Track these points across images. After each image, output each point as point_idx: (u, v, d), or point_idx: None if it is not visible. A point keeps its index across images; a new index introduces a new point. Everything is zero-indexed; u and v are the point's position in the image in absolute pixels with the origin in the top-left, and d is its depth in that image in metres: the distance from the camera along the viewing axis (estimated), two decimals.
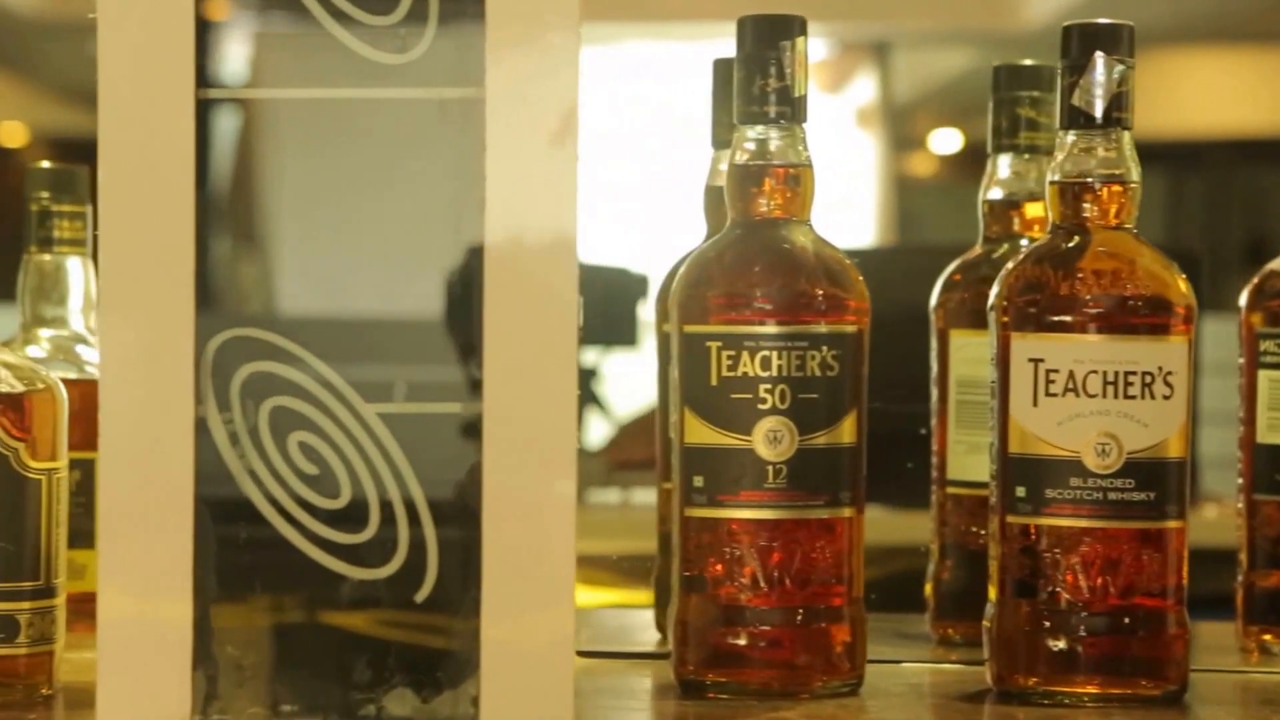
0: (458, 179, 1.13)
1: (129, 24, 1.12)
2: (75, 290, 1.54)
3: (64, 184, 1.54)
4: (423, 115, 1.13)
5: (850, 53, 7.08)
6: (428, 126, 1.13)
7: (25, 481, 1.18)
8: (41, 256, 1.54)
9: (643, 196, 6.05)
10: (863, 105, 6.86)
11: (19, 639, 1.18)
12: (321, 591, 1.13)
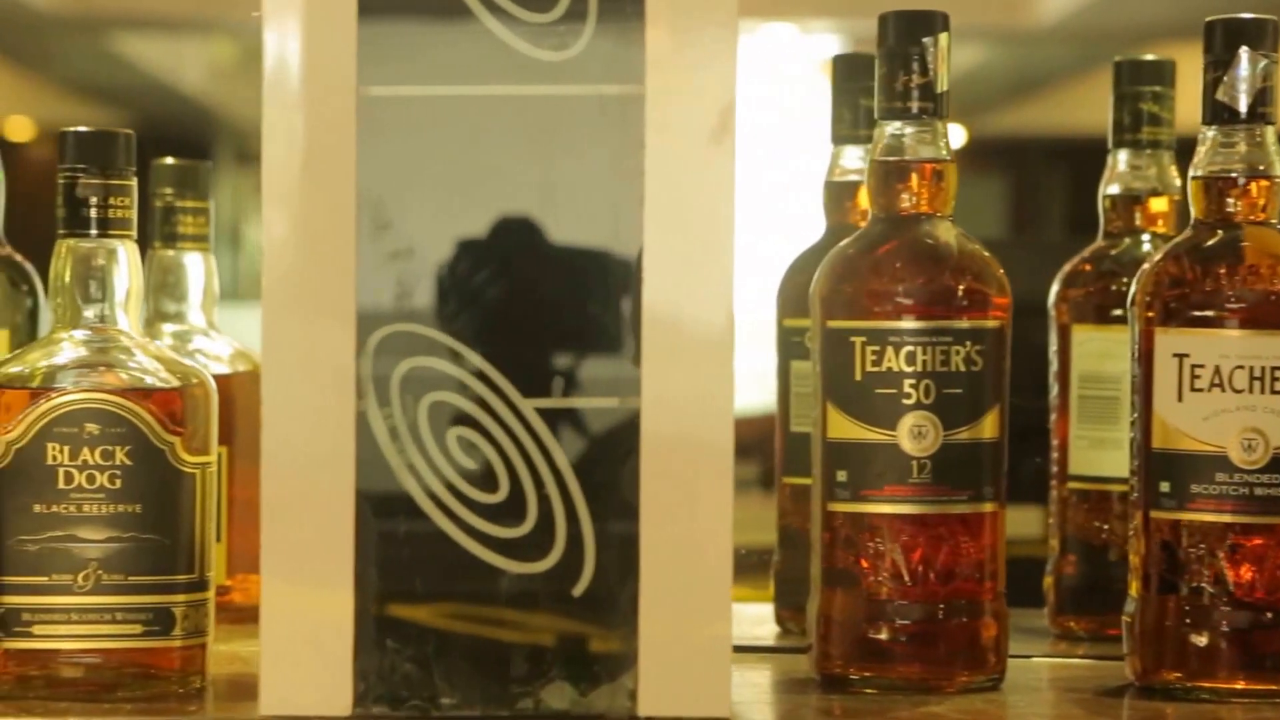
0: (616, 175, 1.13)
1: (292, 22, 1.12)
2: (196, 285, 1.54)
3: (188, 180, 1.54)
4: (582, 112, 1.13)
5: (863, 49, 7.07)
6: (587, 123, 1.13)
7: (181, 475, 1.19)
8: (165, 252, 1.54)
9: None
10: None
11: (174, 632, 1.18)
12: (480, 585, 1.13)
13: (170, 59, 5.48)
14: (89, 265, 1.21)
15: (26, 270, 1.55)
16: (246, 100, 5.24)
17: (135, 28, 5.23)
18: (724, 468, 1.12)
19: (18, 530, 1.17)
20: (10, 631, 1.17)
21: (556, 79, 1.13)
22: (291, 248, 1.12)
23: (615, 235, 1.13)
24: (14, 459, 1.17)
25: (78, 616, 1.17)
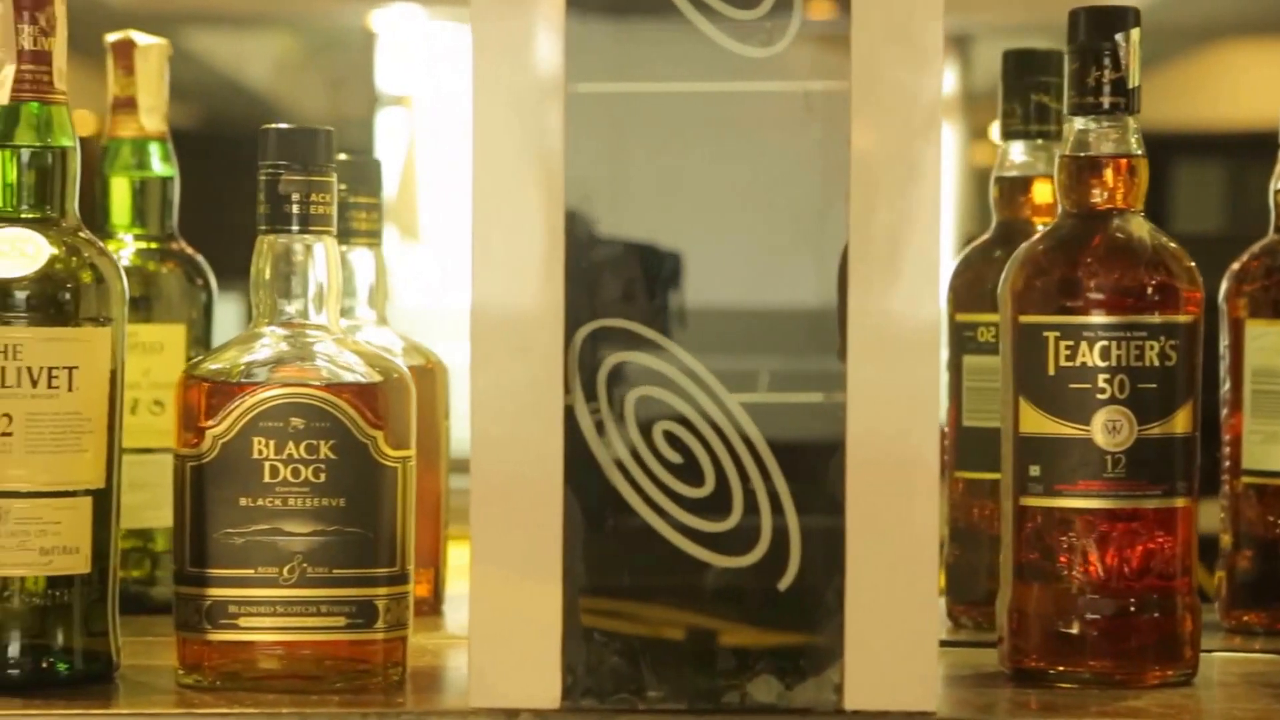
0: (821, 171, 1.12)
1: (501, 20, 1.12)
2: (365, 281, 1.54)
3: (361, 176, 1.54)
4: (787, 108, 1.13)
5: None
6: (792, 119, 1.13)
7: (383, 469, 1.19)
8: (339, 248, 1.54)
9: None
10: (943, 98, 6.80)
11: (377, 624, 1.18)
12: (685, 579, 1.12)
13: (234, 54, 5.49)
14: (290, 261, 1.21)
15: (201, 265, 1.56)
16: (308, 94, 5.25)
17: (202, 23, 5.26)
18: (930, 462, 1.12)
19: (224, 523, 1.18)
20: (217, 624, 1.17)
21: (762, 75, 1.12)
22: (501, 243, 1.12)
23: (821, 230, 1.12)
24: (220, 453, 1.18)
25: (283, 609, 1.18)
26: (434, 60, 5.64)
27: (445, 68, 5.60)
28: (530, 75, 1.12)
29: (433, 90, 5.65)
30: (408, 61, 5.57)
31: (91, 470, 1.18)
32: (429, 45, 5.53)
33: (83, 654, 1.19)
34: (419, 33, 5.49)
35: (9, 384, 1.16)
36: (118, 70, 1.53)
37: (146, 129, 1.53)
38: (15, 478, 1.17)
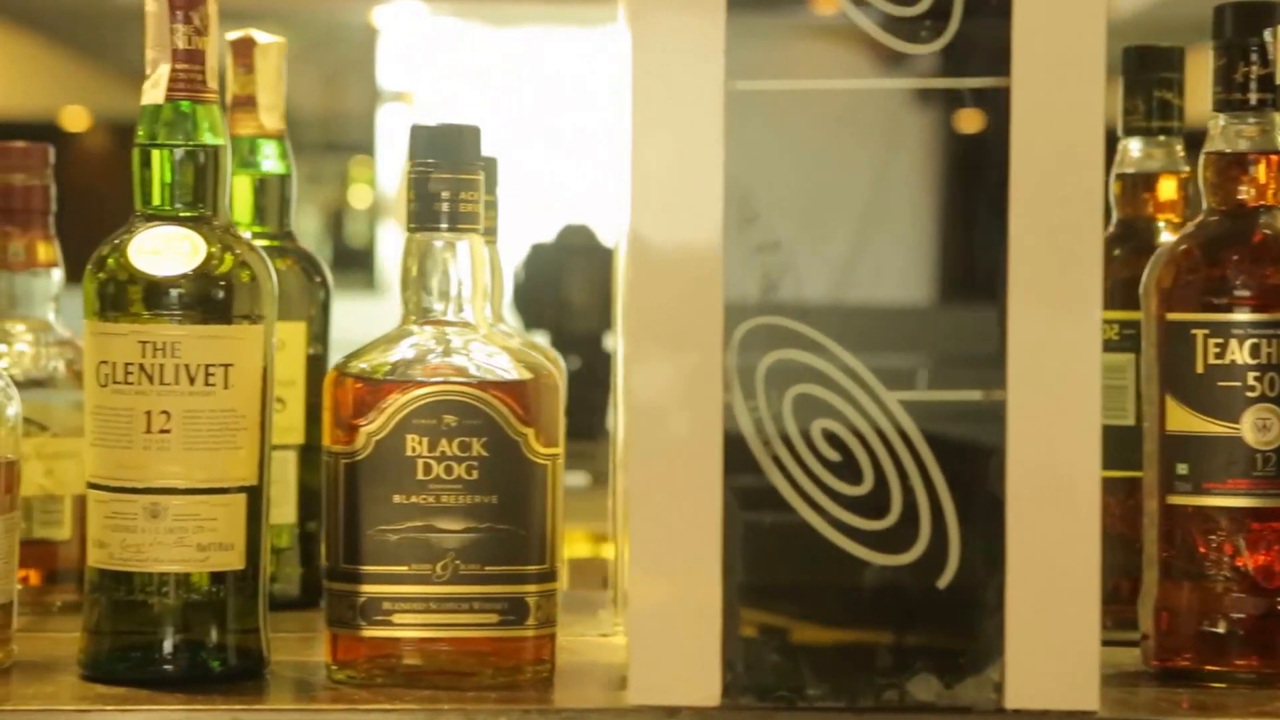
0: (981, 168, 1.11)
1: (662, 18, 1.11)
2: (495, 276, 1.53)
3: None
4: (947, 105, 1.12)
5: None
6: (952, 116, 1.12)
7: (534, 467, 1.18)
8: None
9: None
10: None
11: (528, 621, 1.17)
12: (844, 577, 1.11)
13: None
14: (439, 259, 1.20)
15: (318, 262, 1.55)
16: (303, 90, 5.23)
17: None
18: (1091, 460, 1.10)
19: (378, 520, 1.17)
20: (371, 620, 1.17)
21: (921, 72, 1.11)
22: (660, 240, 1.11)
23: (980, 227, 1.11)
24: (374, 450, 1.17)
25: (436, 606, 1.17)
26: (435, 56, 5.62)
27: (447, 64, 5.58)
28: (690, 72, 1.11)
29: (434, 86, 5.63)
30: (409, 57, 5.55)
31: (245, 467, 1.18)
32: (431, 41, 5.52)
33: (236, 650, 1.18)
34: (421, 29, 5.47)
35: (167, 381, 1.16)
36: (237, 68, 1.52)
37: (266, 127, 1.52)
38: (172, 474, 1.16)
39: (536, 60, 5.43)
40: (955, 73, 1.11)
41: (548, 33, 5.46)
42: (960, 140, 1.11)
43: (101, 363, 1.17)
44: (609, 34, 3.61)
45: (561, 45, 5.43)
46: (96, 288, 1.18)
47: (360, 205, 6.00)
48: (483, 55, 5.34)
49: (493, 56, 5.33)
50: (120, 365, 1.16)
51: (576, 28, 5.47)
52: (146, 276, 1.17)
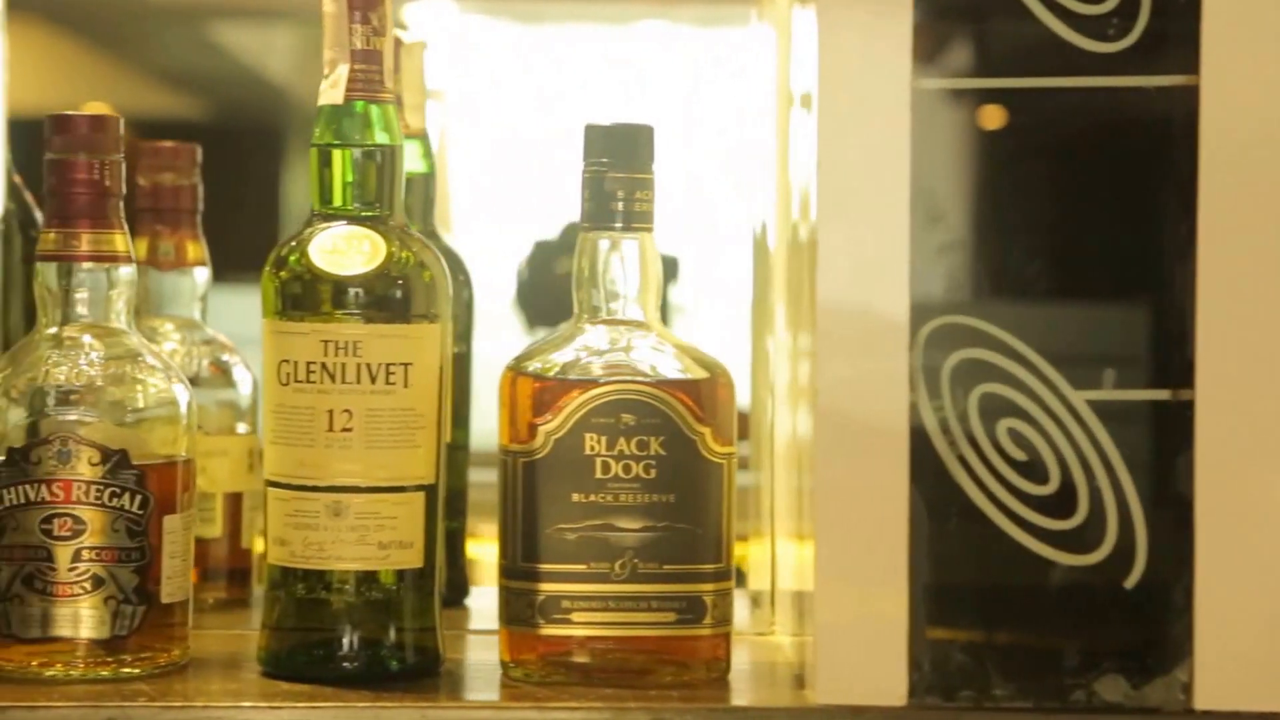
0: (1170, 165, 1.10)
1: (848, 17, 1.10)
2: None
3: None
4: (1135, 103, 1.10)
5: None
6: (1140, 114, 1.10)
7: (710, 466, 1.17)
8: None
9: None
10: None
11: (705, 620, 1.16)
12: (1031, 577, 1.10)
13: (261, 48, 5.45)
14: (613, 258, 1.19)
15: (461, 260, 1.54)
16: (305, 86, 5.20)
17: (231, 17, 5.23)
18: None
19: (557, 519, 1.16)
20: (549, 618, 1.16)
21: (1109, 70, 1.10)
22: (846, 240, 1.10)
23: (1167, 225, 1.10)
24: (553, 449, 1.16)
25: (615, 604, 1.16)
26: (466, 54, 5.60)
27: (477, 62, 5.56)
28: (876, 71, 1.10)
29: (464, 84, 5.61)
30: (439, 55, 5.52)
31: (424, 466, 1.17)
32: (461, 39, 5.49)
33: (413, 648, 1.18)
34: (451, 27, 5.45)
35: (349, 380, 1.15)
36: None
37: (410, 126, 1.52)
38: (353, 473, 1.15)
39: (569, 58, 5.41)
40: (1143, 70, 1.09)
41: (579, 31, 5.43)
42: (1147, 137, 1.10)
43: (283, 361, 1.16)
44: (639, 31, 3.51)
45: (593, 43, 5.41)
46: (278, 287, 1.17)
47: None
48: (514, 53, 5.32)
49: (523, 54, 5.31)
50: (302, 364, 1.16)
51: (607, 25, 5.44)
52: (329, 276, 1.16)
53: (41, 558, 1.15)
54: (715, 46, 3.49)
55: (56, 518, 1.15)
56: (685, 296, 3.04)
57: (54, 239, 1.18)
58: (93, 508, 1.15)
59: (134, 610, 1.16)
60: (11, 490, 1.15)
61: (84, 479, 1.15)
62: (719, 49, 3.47)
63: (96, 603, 1.16)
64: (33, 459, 1.15)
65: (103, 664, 1.16)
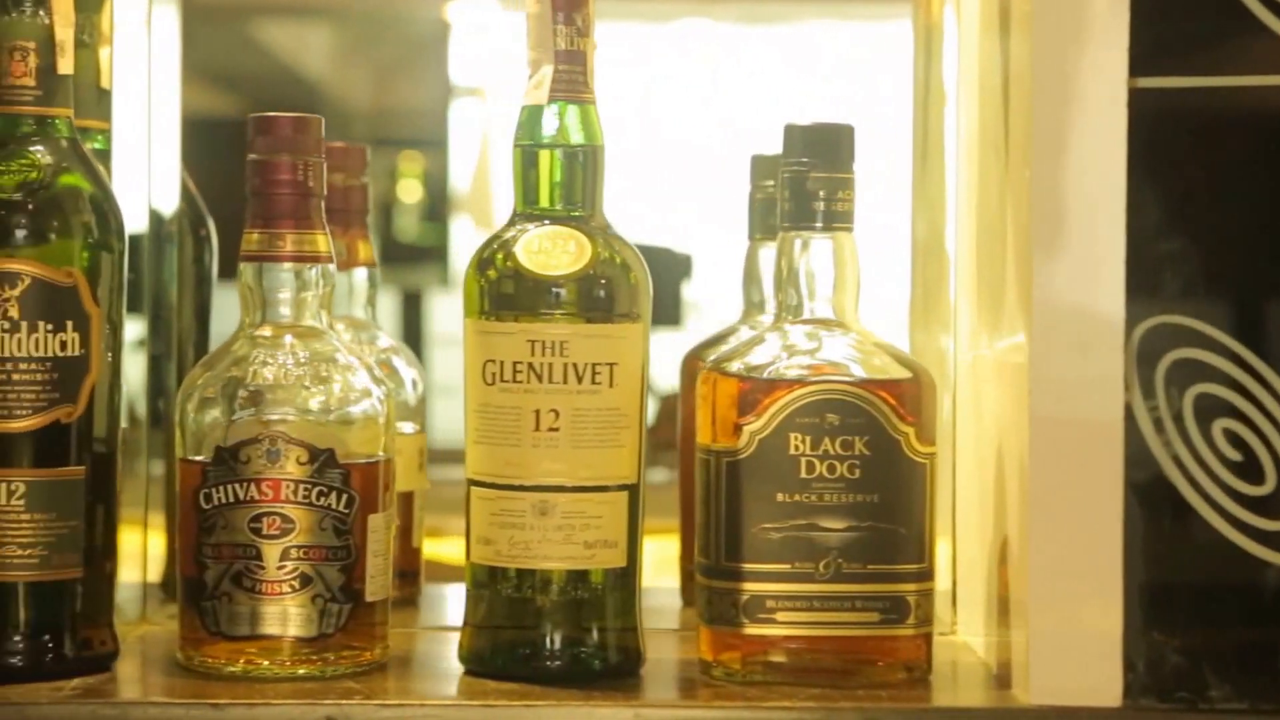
0: None
1: (1064, 16, 1.09)
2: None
3: None
4: None
5: None
6: None
7: (914, 465, 1.16)
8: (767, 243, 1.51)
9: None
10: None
11: (908, 620, 1.15)
12: (1246, 577, 1.08)
13: (302, 44, 5.42)
14: (814, 258, 1.18)
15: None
16: (348, 84, 5.19)
17: (274, 13, 5.19)
18: None
19: (761, 518, 1.15)
20: (754, 618, 1.15)
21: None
22: (1060, 240, 1.09)
23: None
24: (757, 449, 1.15)
25: (819, 604, 1.15)
26: (508, 51, 5.57)
27: (520, 59, 5.54)
28: (1092, 70, 1.08)
29: (507, 81, 5.58)
30: (482, 52, 5.51)
31: (628, 465, 1.16)
32: (503, 36, 5.47)
33: (616, 648, 1.17)
34: (493, 23, 5.43)
35: (555, 380, 1.15)
36: None
37: None
38: (559, 472, 1.15)
39: (607, 56, 5.38)
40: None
41: (619, 28, 5.41)
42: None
43: (488, 361, 1.16)
44: (680, 29, 3.46)
45: (631, 41, 5.38)
46: (484, 287, 1.16)
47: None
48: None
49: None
50: (508, 364, 1.15)
51: (649, 23, 5.41)
52: (536, 276, 1.15)
53: (250, 556, 1.15)
54: (859, 43, 3.47)
55: (265, 516, 1.15)
56: None
57: (257, 239, 1.18)
58: (300, 506, 1.15)
59: (340, 609, 1.16)
60: (220, 489, 1.15)
61: (292, 478, 1.15)
62: (861, 46, 3.44)
63: (304, 601, 1.15)
64: (241, 458, 1.15)
65: (306, 662, 1.16)
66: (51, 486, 1.13)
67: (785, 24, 4.19)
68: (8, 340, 1.12)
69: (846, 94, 3.31)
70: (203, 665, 1.16)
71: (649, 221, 3.70)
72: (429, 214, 5.49)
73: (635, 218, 2.04)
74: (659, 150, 4.23)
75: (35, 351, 1.12)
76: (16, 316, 1.12)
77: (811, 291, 1.18)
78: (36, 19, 1.14)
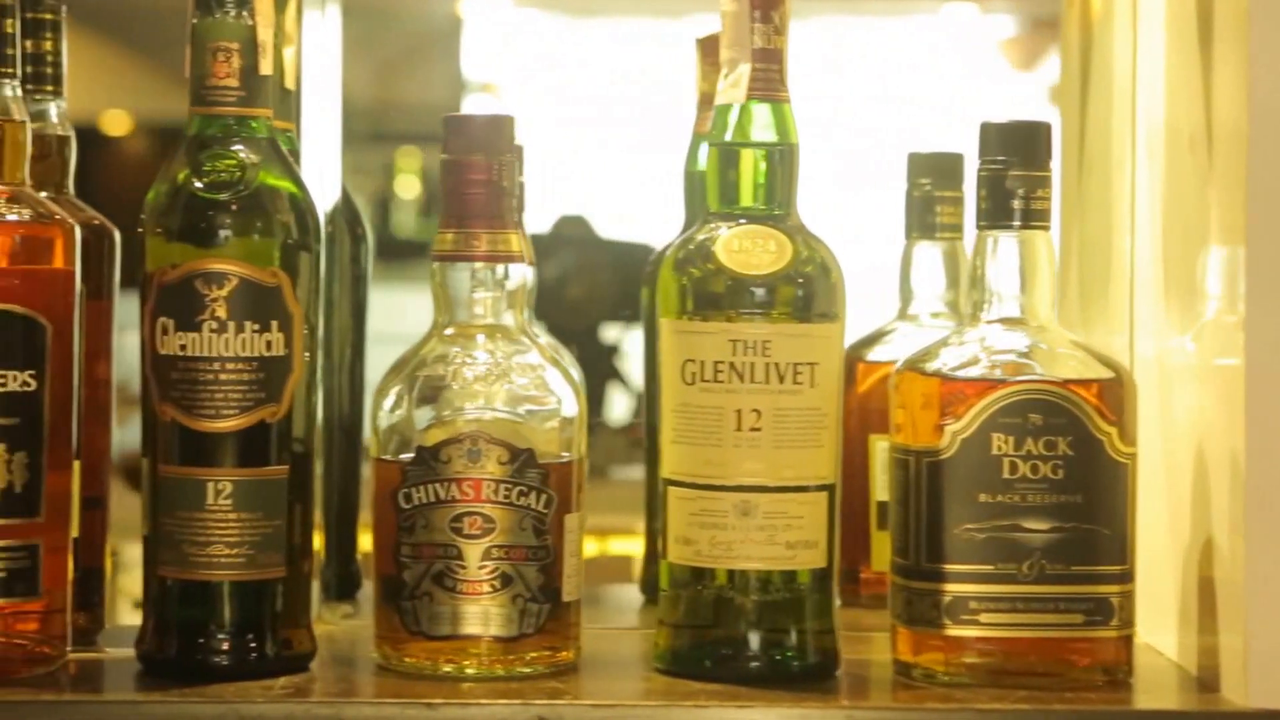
0: None
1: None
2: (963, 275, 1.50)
3: (946, 171, 1.50)
4: None
5: (1040, 30, 6.85)
6: None
7: (1116, 466, 1.14)
8: (923, 242, 1.50)
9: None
10: (1054, 84, 6.62)
11: (1111, 622, 1.13)
12: None
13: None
14: (1011, 257, 1.16)
15: None
16: (384, 79, 5.18)
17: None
18: None
19: (963, 519, 1.13)
20: (957, 619, 1.13)
21: None
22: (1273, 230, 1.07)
23: None
24: (959, 449, 1.13)
25: (1022, 605, 1.13)
26: (522, 47, 5.54)
27: (533, 54, 5.51)
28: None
29: (520, 77, 5.56)
30: (495, 48, 5.48)
31: (827, 465, 1.15)
32: (517, 31, 5.44)
33: (814, 649, 1.15)
34: (507, 19, 5.40)
35: (757, 379, 1.13)
36: (705, 66, 1.49)
37: None
38: (760, 472, 1.13)
39: (619, 52, 5.34)
40: None
41: (632, 25, 5.37)
42: None
43: (687, 361, 1.14)
44: (696, 24, 3.45)
45: (645, 38, 5.34)
46: (685, 286, 1.15)
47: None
48: (567, 47, 5.27)
49: (576, 48, 5.25)
50: (709, 364, 1.14)
51: (665, 20, 5.37)
52: (739, 276, 1.14)
53: (452, 556, 1.14)
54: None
55: (466, 516, 1.14)
56: None
57: (451, 239, 1.17)
58: (501, 506, 1.14)
59: (539, 608, 1.15)
60: (420, 489, 1.14)
61: (493, 478, 1.14)
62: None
63: (504, 601, 1.14)
64: (442, 458, 1.14)
65: (503, 662, 1.14)
66: (257, 486, 1.13)
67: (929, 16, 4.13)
68: (215, 340, 1.11)
69: (988, 92, 3.27)
70: (405, 665, 1.15)
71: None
72: (425, 210, 5.44)
73: None
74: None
75: (242, 351, 1.12)
76: (224, 316, 1.12)
77: (1008, 290, 1.17)
78: (240, 20, 1.13)
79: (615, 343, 2.72)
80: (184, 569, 1.12)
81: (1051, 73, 5.12)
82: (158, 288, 1.13)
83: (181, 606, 1.13)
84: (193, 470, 1.12)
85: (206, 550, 1.12)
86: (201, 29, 1.13)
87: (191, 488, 1.12)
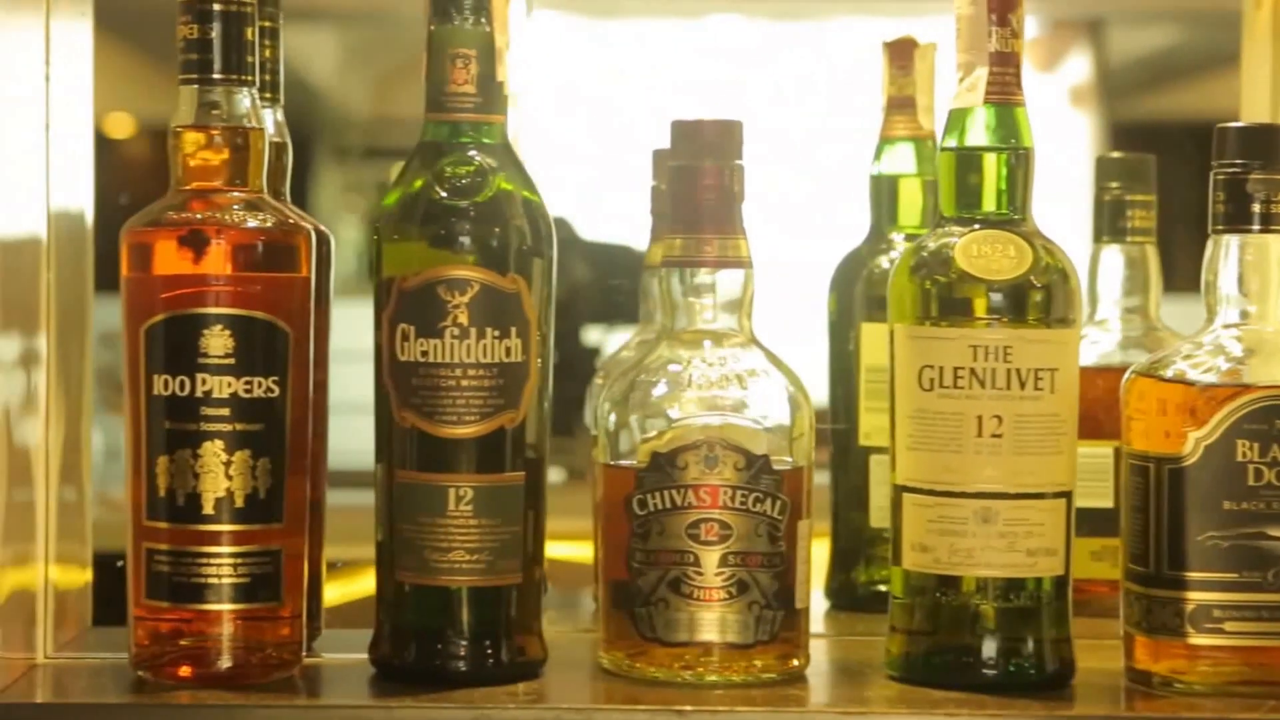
0: None
1: None
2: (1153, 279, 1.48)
3: (1136, 174, 1.48)
4: None
5: (1063, 30, 6.75)
6: None
7: None
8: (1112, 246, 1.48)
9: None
10: (1077, 84, 6.54)
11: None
12: None
13: (330, 48, 5.36)
14: (1251, 260, 1.14)
15: None
16: (351, 91, 5.14)
17: (300, 19, 5.11)
18: None
19: (1207, 527, 1.11)
20: (1200, 628, 1.11)
21: None
22: None
23: None
24: (1203, 456, 1.11)
25: (1268, 614, 1.11)
26: (537, 52, 5.50)
27: (549, 59, 5.46)
28: None
29: (536, 82, 5.51)
30: (511, 54, 5.43)
31: (1066, 472, 1.12)
32: (532, 37, 5.40)
33: (1052, 657, 1.13)
34: (522, 24, 5.35)
35: (998, 385, 1.11)
36: (893, 70, 1.47)
37: (924, 128, 1.48)
38: (999, 479, 1.11)
39: (633, 56, 5.29)
40: None
41: (650, 26, 5.33)
42: None
43: (925, 367, 1.12)
44: (716, 24, 3.35)
45: (661, 40, 5.29)
46: (920, 292, 1.13)
47: None
48: (583, 52, 5.23)
49: (592, 52, 5.21)
50: (948, 369, 1.12)
51: (681, 19, 5.31)
52: (980, 281, 1.12)
53: (689, 562, 1.12)
54: None
55: (703, 523, 1.12)
56: None
57: (680, 245, 1.15)
58: (737, 513, 1.12)
59: (774, 615, 1.13)
60: (655, 495, 1.13)
61: (729, 484, 1.12)
62: None
63: (740, 608, 1.12)
64: (679, 464, 1.12)
65: (736, 669, 1.13)
66: (496, 492, 1.11)
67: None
68: (457, 346, 1.10)
69: None
70: (638, 672, 1.13)
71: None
72: None
73: None
74: None
75: (483, 358, 1.11)
76: (465, 323, 1.10)
77: (1245, 294, 1.15)
78: (479, 27, 1.12)
79: (597, 345, 2.72)
80: (424, 574, 1.11)
81: (1073, 73, 5.07)
82: (398, 294, 1.12)
83: (419, 612, 1.12)
84: (434, 476, 1.11)
85: (448, 556, 1.11)
86: (440, 36, 1.12)
87: (433, 494, 1.11)
